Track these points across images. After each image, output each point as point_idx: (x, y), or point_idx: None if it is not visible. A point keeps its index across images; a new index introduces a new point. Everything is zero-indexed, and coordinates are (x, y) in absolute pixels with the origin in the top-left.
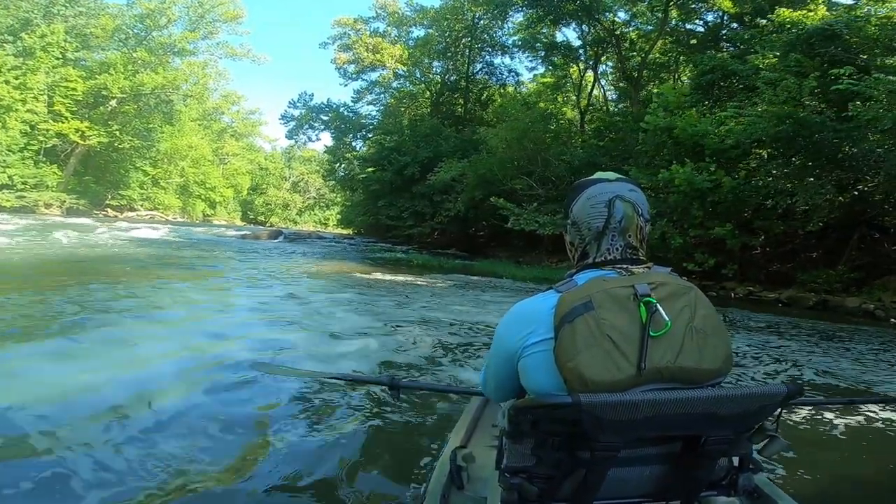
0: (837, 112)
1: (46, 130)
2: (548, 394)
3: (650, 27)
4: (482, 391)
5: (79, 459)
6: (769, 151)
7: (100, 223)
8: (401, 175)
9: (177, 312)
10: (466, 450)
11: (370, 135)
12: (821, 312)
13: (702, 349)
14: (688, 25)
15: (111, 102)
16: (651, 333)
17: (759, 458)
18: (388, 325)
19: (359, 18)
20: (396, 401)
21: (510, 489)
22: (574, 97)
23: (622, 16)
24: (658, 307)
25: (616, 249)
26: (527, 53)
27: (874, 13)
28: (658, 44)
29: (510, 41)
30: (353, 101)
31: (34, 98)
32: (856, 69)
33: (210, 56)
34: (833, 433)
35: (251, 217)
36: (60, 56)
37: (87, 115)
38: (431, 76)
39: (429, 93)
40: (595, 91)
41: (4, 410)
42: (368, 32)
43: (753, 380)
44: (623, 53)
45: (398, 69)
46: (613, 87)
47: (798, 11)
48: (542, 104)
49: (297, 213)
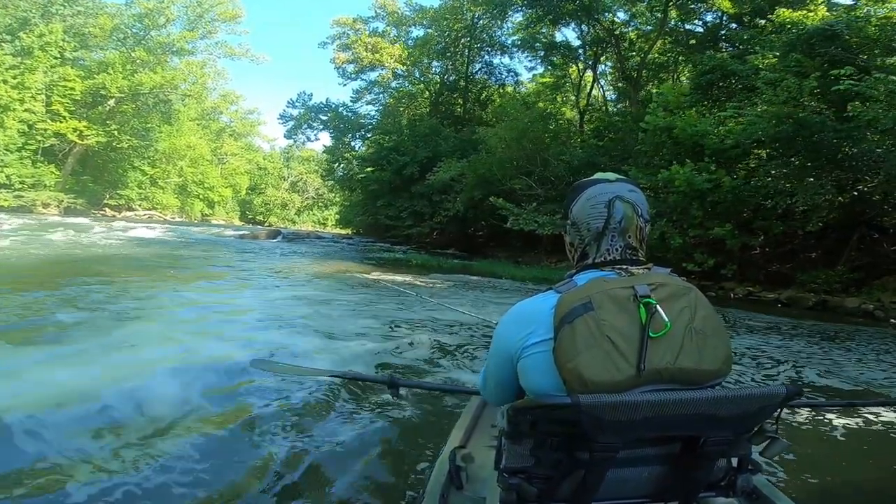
0: (837, 112)
1: (44, 130)
2: (547, 394)
3: (649, 27)
4: (481, 394)
5: (72, 462)
6: (768, 151)
7: (98, 223)
8: (400, 175)
9: (174, 313)
10: (465, 450)
11: (369, 135)
12: (820, 313)
13: (701, 350)
14: (687, 25)
15: (109, 102)
16: (651, 334)
17: (758, 460)
18: (387, 326)
19: (358, 18)
20: (396, 399)
21: (509, 489)
22: (573, 97)
23: (621, 16)
24: (658, 308)
25: (616, 250)
26: (526, 53)
27: (874, 14)
28: (657, 44)
29: (509, 41)
30: (352, 101)
31: (32, 97)
32: (856, 69)
33: (209, 56)
34: (833, 435)
35: (249, 217)
36: (59, 55)
37: (86, 115)
38: (430, 76)
39: (428, 93)
40: (594, 91)
41: None
42: (367, 32)
43: (753, 381)
44: (622, 53)
45: (397, 69)
46: (612, 88)
47: (798, 12)
48: (542, 104)
49: (296, 213)
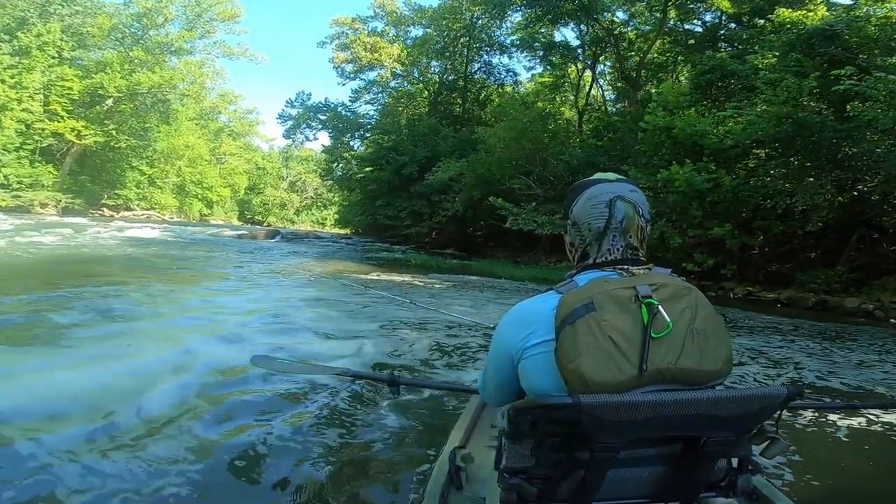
0: (837, 112)
1: (42, 130)
2: (548, 395)
3: (648, 27)
4: (481, 395)
5: (65, 464)
6: (767, 151)
7: (95, 223)
8: (399, 175)
9: (171, 313)
10: (465, 450)
11: (368, 134)
12: (820, 313)
13: (702, 350)
14: (686, 25)
15: (107, 102)
16: (652, 335)
17: (759, 460)
18: (386, 327)
19: (357, 18)
20: (396, 397)
21: (509, 489)
22: (572, 97)
23: (620, 15)
24: (660, 308)
25: (617, 250)
26: (525, 53)
27: (873, 13)
28: (656, 44)
29: (508, 41)
30: (351, 101)
31: (30, 97)
32: (856, 69)
33: (207, 55)
34: (833, 435)
35: (248, 217)
36: (56, 55)
37: (84, 115)
38: (429, 76)
39: (427, 92)
40: (593, 91)
41: None
42: (366, 32)
43: (755, 381)
44: (621, 53)
45: (396, 69)
46: (611, 87)
47: (797, 11)
48: (540, 104)
49: (295, 213)
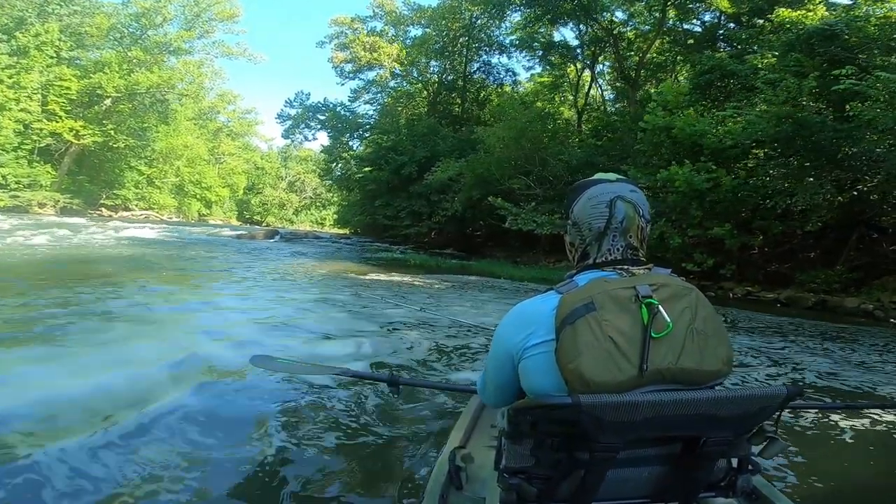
0: (836, 112)
1: (40, 129)
2: (548, 395)
3: (647, 27)
4: (481, 396)
5: (60, 467)
6: (766, 151)
7: (94, 223)
8: (398, 175)
9: (169, 314)
10: (465, 450)
11: (367, 134)
12: (820, 313)
13: (703, 350)
14: (685, 25)
15: (106, 101)
16: (652, 335)
17: (758, 460)
18: (385, 327)
19: (356, 17)
20: (396, 397)
21: (509, 489)
22: (571, 97)
23: (620, 15)
24: (660, 308)
25: (617, 250)
26: (524, 53)
27: (872, 13)
28: (655, 43)
29: (507, 41)
30: (350, 101)
31: (28, 97)
32: (856, 69)
33: (206, 55)
34: (833, 436)
35: (247, 217)
36: (55, 55)
37: (82, 115)
38: (428, 75)
39: (426, 92)
40: (592, 91)
41: None
42: (365, 31)
43: (756, 381)
44: (620, 53)
45: (395, 68)
46: (610, 87)
47: (797, 11)
48: (540, 104)
49: (294, 213)
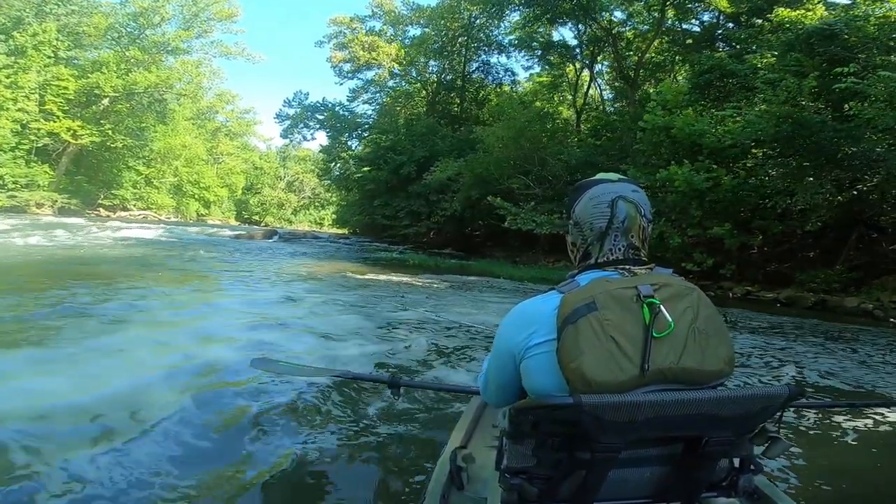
0: (835, 112)
1: (38, 129)
2: (549, 394)
3: (646, 27)
4: (482, 396)
5: (55, 469)
6: (766, 151)
7: (92, 223)
8: (397, 174)
9: (168, 314)
10: (466, 450)
11: (366, 134)
12: (819, 312)
13: (704, 350)
14: (684, 25)
15: (103, 101)
16: (654, 334)
17: (760, 460)
18: (385, 327)
19: (355, 17)
20: (397, 399)
21: (510, 490)
22: (570, 96)
23: (619, 15)
24: (661, 308)
25: (618, 250)
26: (523, 52)
27: (872, 13)
28: (654, 43)
29: (506, 40)
30: (349, 100)
31: (25, 97)
32: (857, 67)
33: (204, 55)
34: (834, 435)
35: (246, 217)
36: (52, 55)
37: (80, 114)
38: (427, 75)
39: (425, 92)
40: (591, 90)
41: None
42: (364, 31)
43: (760, 381)
44: (619, 53)
45: (394, 68)
46: (609, 87)
47: (796, 11)
48: (539, 103)
49: (293, 213)
